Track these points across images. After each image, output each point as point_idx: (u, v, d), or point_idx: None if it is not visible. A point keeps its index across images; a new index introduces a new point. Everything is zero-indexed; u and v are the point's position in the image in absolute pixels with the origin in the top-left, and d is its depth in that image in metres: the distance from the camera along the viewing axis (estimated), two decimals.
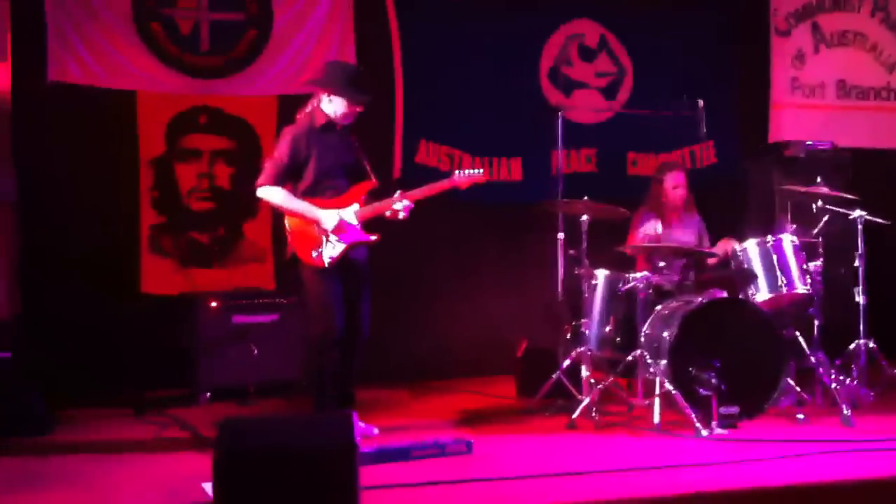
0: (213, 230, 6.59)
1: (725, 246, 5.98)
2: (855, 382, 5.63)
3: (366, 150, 5.20)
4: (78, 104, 6.25)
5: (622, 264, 6.07)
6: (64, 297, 6.12)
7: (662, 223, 6.18)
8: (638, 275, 5.56)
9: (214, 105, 6.57)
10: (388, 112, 6.81)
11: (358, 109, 5.08)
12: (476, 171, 5.25)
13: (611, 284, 5.63)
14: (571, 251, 5.87)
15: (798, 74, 7.84)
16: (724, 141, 7.49)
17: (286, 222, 5.07)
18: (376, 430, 5.04)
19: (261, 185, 5.02)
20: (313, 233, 4.98)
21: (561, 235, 6.05)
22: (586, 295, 5.63)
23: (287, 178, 5.02)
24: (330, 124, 5.07)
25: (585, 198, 5.64)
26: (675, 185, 6.21)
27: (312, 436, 3.62)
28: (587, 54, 7.38)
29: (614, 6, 7.39)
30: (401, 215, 5.07)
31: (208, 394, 6.03)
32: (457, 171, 5.25)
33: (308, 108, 5.13)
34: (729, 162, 7.54)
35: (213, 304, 6.08)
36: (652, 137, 7.32)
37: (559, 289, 6.05)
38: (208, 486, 3.79)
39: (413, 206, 5.07)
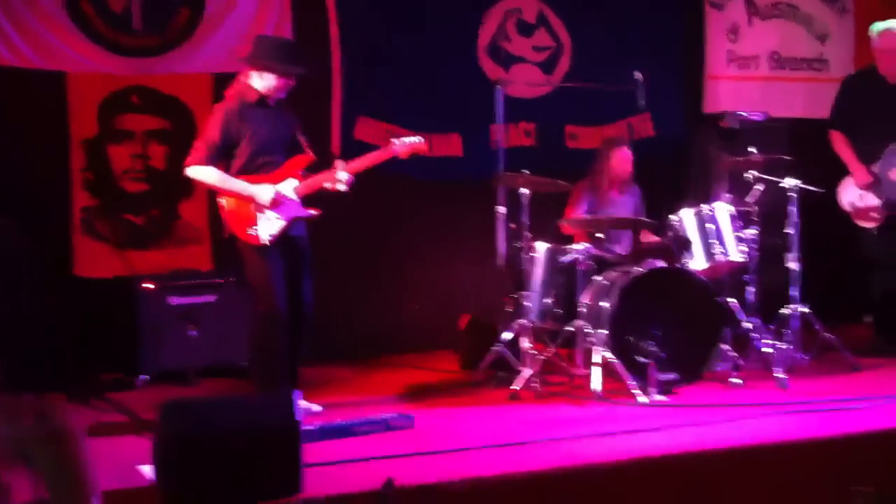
0: (148, 211, 6.46)
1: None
2: (789, 347, 5.73)
3: (304, 127, 5.13)
4: (6, 85, 6.08)
5: (563, 237, 6.11)
6: None
7: (603, 197, 6.21)
8: (578, 247, 5.59)
9: (148, 85, 6.42)
10: (326, 88, 6.73)
11: (290, 82, 5.00)
12: (415, 138, 5.22)
13: (551, 257, 5.65)
14: (512, 225, 5.88)
15: (733, 47, 7.88)
16: (665, 114, 7.49)
17: (221, 201, 5.00)
18: (319, 408, 5.01)
19: (190, 165, 4.93)
20: (249, 210, 4.91)
21: (502, 209, 6.07)
22: (527, 268, 5.64)
23: (219, 157, 4.93)
24: (262, 100, 4.99)
25: (525, 171, 5.65)
26: (623, 161, 6.24)
27: (253, 416, 3.60)
28: (525, 29, 7.35)
29: None
30: (340, 187, 4.99)
31: (148, 377, 5.94)
32: (395, 140, 5.22)
33: (238, 85, 5.03)
34: (668, 135, 7.57)
35: (150, 286, 5.99)
36: (591, 110, 7.32)
37: (500, 262, 6.06)
38: (147, 469, 3.74)
39: (353, 179, 5.02)
